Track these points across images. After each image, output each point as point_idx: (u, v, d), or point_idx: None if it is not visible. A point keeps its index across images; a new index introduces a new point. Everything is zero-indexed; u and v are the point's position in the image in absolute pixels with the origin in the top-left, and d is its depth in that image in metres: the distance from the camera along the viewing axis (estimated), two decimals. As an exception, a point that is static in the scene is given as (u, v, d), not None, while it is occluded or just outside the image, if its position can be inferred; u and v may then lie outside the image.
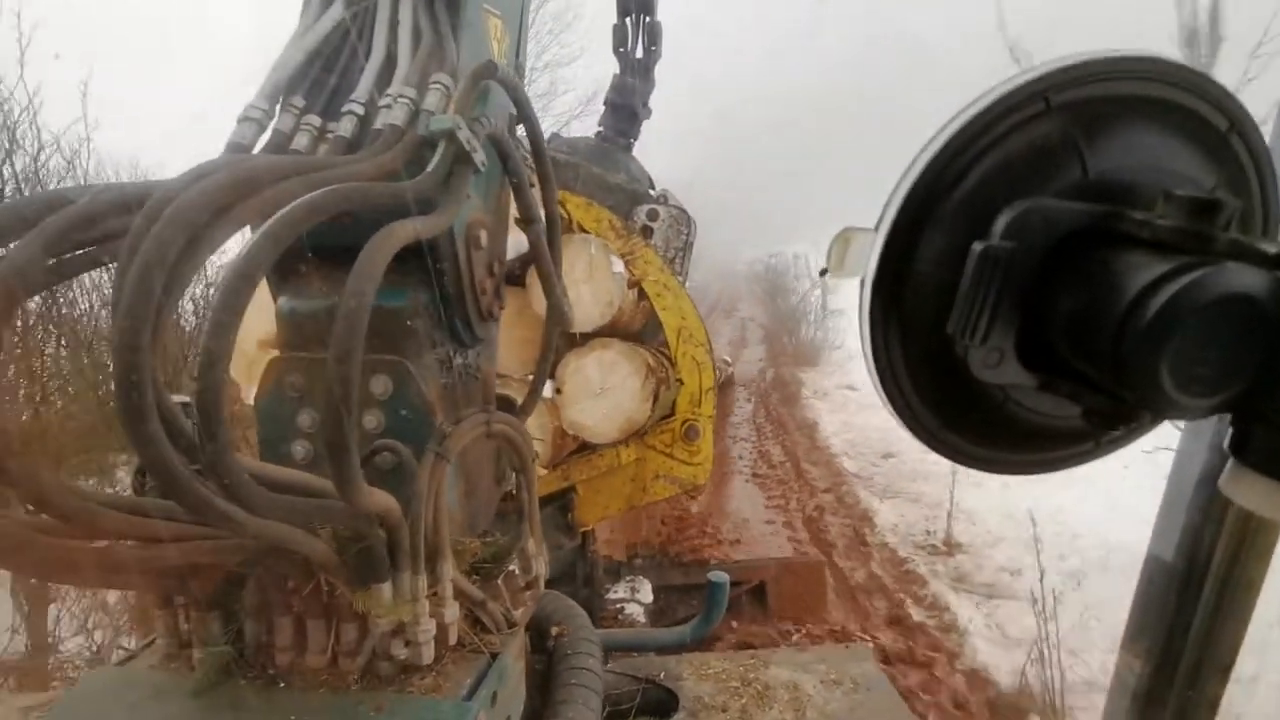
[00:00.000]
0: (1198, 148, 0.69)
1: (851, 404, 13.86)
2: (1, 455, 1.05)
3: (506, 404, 2.25)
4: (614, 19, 5.57)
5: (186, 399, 1.24)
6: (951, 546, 7.64)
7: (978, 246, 0.65)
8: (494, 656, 1.74)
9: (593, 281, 4.32)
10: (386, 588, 1.54)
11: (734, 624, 6.60)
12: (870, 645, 3.98)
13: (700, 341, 4.82)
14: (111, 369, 1.03)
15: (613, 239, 4.59)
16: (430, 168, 1.61)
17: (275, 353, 1.84)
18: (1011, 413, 0.73)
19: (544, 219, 2.11)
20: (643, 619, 5.85)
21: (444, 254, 1.81)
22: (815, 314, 22.38)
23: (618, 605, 5.95)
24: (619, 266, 4.43)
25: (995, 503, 7.97)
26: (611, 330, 4.57)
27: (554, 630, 2.29)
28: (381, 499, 1.47)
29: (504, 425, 1.94)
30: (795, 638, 6.32)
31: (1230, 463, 0.60)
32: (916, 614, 6.82)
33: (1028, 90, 0.66)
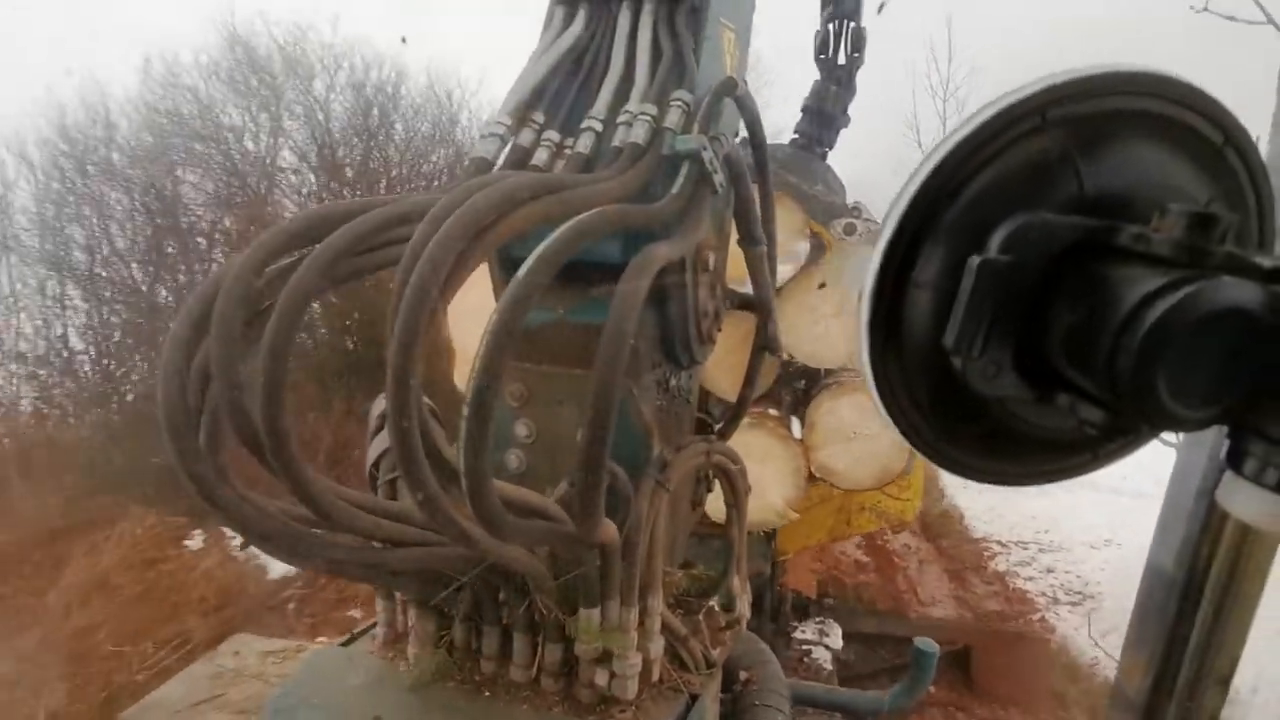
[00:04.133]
0: (1193, 162, 0.69)
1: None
2: (278, 457, 1.11)
3: (702, 427, 2.18)
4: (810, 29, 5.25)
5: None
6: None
7: (975, 260, 0.65)
8: (693, 698, 1.66)
9: (843, 316, 4.00)
10: (596, 614, 1.52)
11: (930, 689, 6.12)
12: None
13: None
14: (386, 385, 1.07)
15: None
16: (676, 189, 1.58)
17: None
18: (1009, 425, 0.73)
19: (768, 241, 2.02)
20: (829, 667, 5.32)
21: (671, 275, 1.74)
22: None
23: (804, 647, 5.45)
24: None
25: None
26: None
27: (743, 675, 2.15)
28: (607, 528, 1.44)
29: (722, 456, 1.85)
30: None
31: (1226, 475, 0.60)
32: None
33: (1024, 106, 0.67)
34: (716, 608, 1.88)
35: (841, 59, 5.31)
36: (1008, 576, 9.57)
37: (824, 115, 5.28)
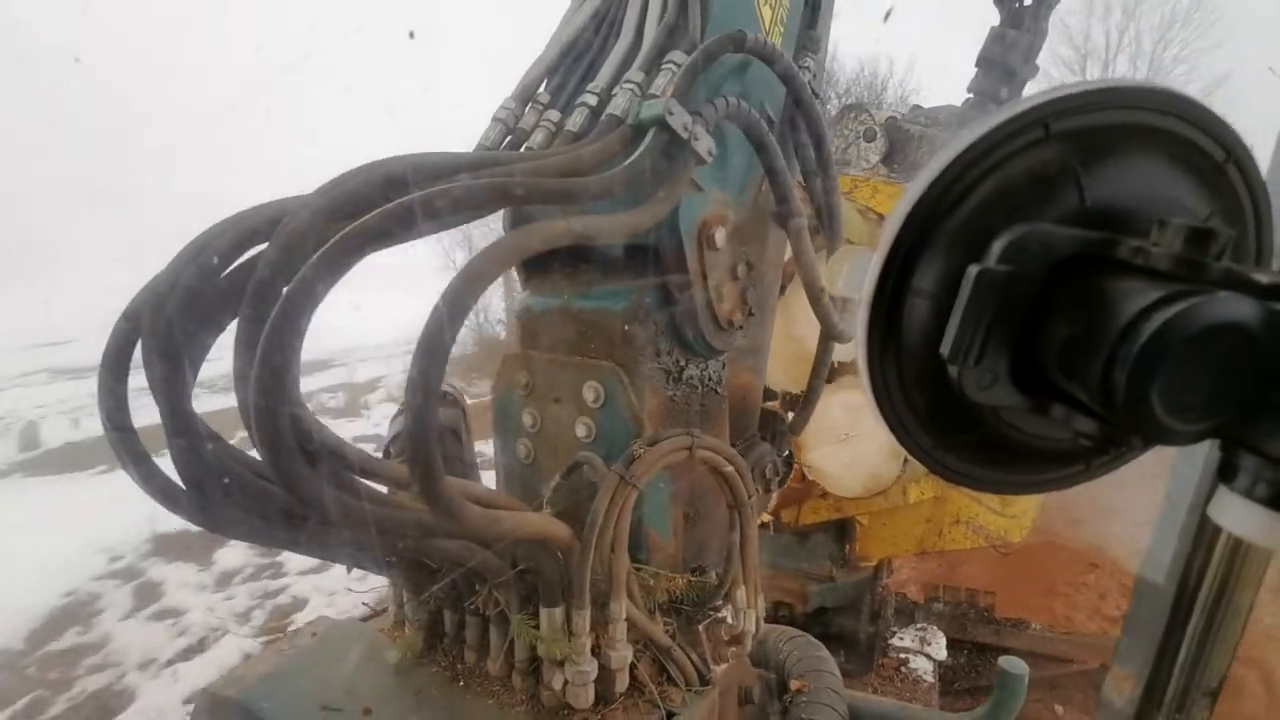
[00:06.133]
0: (1194, 177, 0.69)
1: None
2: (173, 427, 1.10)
3: (775, 420, 2.06)
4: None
5: None
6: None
7: (974, 269, 0.65)
8: (669, 716, 1.53)
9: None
10: (557, 613, 1.45)
11: (1058, 709, 5.34)
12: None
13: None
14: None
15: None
16: (629, 160, 1.41)
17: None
18: (1004, 434, 0.73)
19: (826, 214, 1.84)
20: (930, 679, 4.84)
21: (668, 255, 1.61)
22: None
23: (901, 656, 4.98)
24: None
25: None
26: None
27: (794, 684, 2.04)
28: (477, 516, 1.34)
29: (712, 451, 1.63)
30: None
31: (1219, 489, 0.60)
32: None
33: (1028, 117, 0.67)
34: (729, 619, 1.73)
35: None
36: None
37: (1000, 67, 4.60)
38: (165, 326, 1.12)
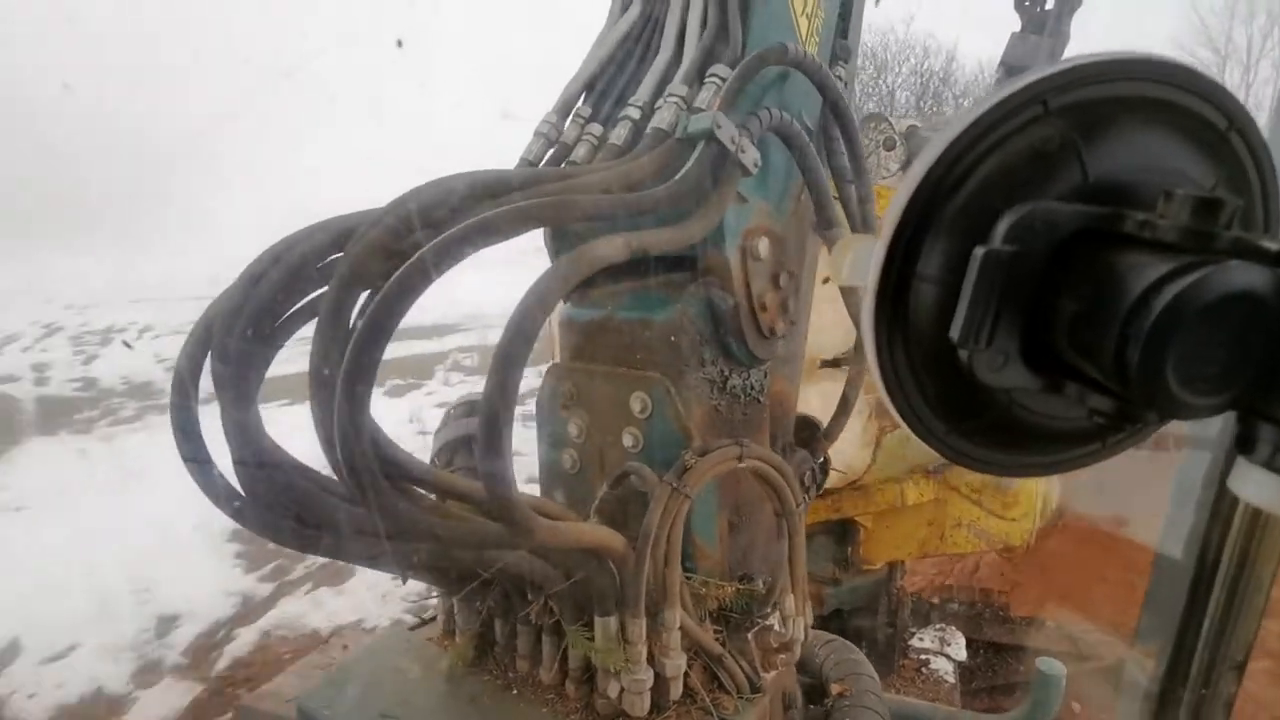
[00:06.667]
0: (1197, 147, 0.68)
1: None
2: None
3: (809, 427, 2.10)
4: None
5: None
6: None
7: (979, 251, 0.64)
8: None
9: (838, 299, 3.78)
10: (611, 622, 1.47)
11: (1075, 706, 5.21)
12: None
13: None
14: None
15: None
16: (680, 174, 1.44)
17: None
18: (1017, 416, 0.72)
19: (861, 221, 1.83)
20: (951, 679, 4.83)
21: (713, 265, 1.64)
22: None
23: (921, 657, 4.96)
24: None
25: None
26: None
27: (835, 688, 2.05)
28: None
29: (760, 460, 1.65)
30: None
31: (1237, 461, 0.60)
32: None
33: (1026, 94, 0.66)
34: (777, 626, 1.73)
35: (1050, 2, 4.60)
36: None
37: (1021, 72, 4.67)
38: (231, 352, 1.16)
